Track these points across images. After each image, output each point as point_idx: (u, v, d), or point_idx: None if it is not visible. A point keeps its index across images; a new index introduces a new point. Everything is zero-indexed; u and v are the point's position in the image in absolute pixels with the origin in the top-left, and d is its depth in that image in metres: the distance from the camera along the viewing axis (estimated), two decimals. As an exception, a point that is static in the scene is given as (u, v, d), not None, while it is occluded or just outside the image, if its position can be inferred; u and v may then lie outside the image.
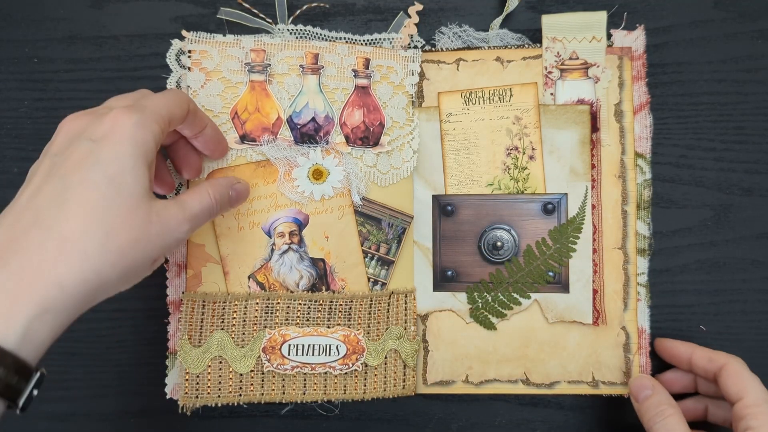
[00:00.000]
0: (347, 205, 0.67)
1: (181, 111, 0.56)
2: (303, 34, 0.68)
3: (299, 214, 0.67)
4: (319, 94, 0.68)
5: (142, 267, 0.51)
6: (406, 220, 0.68)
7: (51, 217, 0.46)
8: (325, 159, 0.67)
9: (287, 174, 0.66)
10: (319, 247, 0.67)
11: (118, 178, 0.48)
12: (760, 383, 0.60)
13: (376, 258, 0.68)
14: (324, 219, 0.67)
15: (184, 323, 0.65)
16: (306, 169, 0.67)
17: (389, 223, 0.68)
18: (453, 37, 0.70)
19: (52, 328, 0.45)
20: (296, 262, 0.67)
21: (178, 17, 0.70)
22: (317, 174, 0.67)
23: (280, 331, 0.65)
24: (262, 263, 0.67)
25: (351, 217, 0.67)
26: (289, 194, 0.66)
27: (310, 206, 0.67)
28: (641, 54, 0.69)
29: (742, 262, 0.70)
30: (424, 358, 0.69)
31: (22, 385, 0.44)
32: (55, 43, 0.70)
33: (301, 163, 0.67)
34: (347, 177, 0.67)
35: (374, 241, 0.67)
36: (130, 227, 0.48)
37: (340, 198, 0.67)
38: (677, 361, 0.67)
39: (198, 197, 0.56)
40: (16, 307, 0.43)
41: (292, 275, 0.67)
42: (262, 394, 0.66)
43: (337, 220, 0.67)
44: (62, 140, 0.51)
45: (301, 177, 0.67)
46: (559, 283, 0.69)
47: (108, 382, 0.70)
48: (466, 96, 0.69)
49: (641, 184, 0.69)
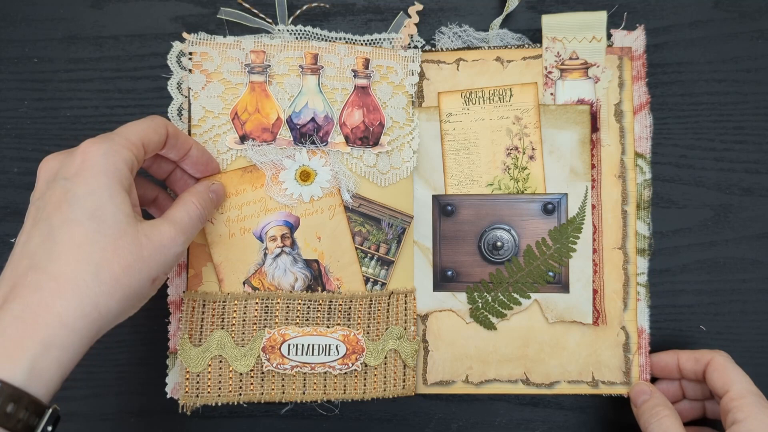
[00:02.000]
0: (337, 204, 0.67)
1: (158, 135, 0.56)
2: (303, 34, 0.68)
3: (289, 216, 0.67)
4: (319, 95, 0.68)
5: (141, 289, 0.51)
6: (405, 220, 0.68)
7: (44, 259, 0.48)
8: (312, 160, 0.67)
9: (274, 177, 0.66)
10: (312, 248, 0.67)
11: (97, 211, 0.49)
12: (744, 375, 0.60)
13: (375, 258, 0.68)
14: (315, 220, 0.67)
15: (184, 322, 0.65)
16: (293, 171, 0.66)
17: (389, 223, 0.68)
18: (453, 37, 0.70)
19: (60, 364, 0.46)
20: (290, 264, 0.67)
21: (178, 17, 0.70)
22: (305, 175, 0.66)
23: (279, 331, 0.66)
24: (255, 268, 0.67)
25: (342, 216, 0.67)
26: (278, 198, 0.66)
27: (300, 208, 0.67)
28: (641, 54, 0.69)
29: (742, 262, 0.70)
30: (424, 358, 0.69)
31: (33, 421, 0.45)
32: (55, 43, 0.70)
33: (288, 165, 0.66)
34: (335, 176, 0.67)
35: (374, 241, 0.67)
36: (119, 255, 0.49)
37: (329, 198, 0.67)
38: (666, 372, 0.67)
39: (184, 208, 0.57)
40: (21, 345, 0.45)
41: (287, 278, 0.67)
42: (262, 394, 0.66)
43: (328, 220, 0.67)
44: (41, 184, 0.52)
45: (289, 179, 0.66)
46: (559, 283, 0.69)
47: (108, 382, 0.70)
48: (466, 96, 0.69)
49: (641, 184, 0.69)
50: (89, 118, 0.70)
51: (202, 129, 0.67)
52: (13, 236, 0.70)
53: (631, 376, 0.69)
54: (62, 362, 0.46)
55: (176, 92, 0.68)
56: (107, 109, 0.70)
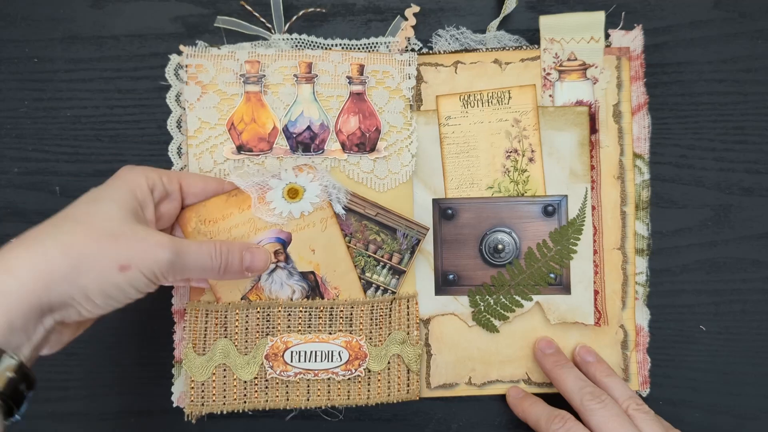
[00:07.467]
0: (329, 216, 0.66)
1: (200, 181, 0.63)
2: (298, 42, 0.68)
3: (281, 233, 0.66)
4: (314, 103, 0.67)
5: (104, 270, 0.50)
6: (421, 232, 0.68)
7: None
8: (299, 177, 0.65)
9: (261, 198, 0.65)
10: (306, 260, 0.67)
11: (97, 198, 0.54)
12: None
13: (387, 267, 0.68)
14: (307, 234, 0.66)
15: (188, 332, 0.66)
16: (280, 190, 0.65)
17: (404, 233, 0.68)
18: (450, 39, 0.69)
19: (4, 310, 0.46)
20: (286, 278, 0.66)
21: (178, 17, 0.70)
22: (293, 193, 0.65)
23: (282, 338, 0.66)
24: (252, 284, 0.66)
25: (335, 227, 0.67)
26: (267, 218, 0.65)
27: (291, 224, 0.66)
28: (639, 54, 0.69)
29: (742, 262, 0.70)
30: (427, 362, 0.70)
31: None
32: (55, 43, 0.70)
33: (274, 185, 0.65)
34: (325, 190, 0.66)
35: (387, 250, 0.67)
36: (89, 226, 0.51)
37: (320, 211, 0.66)
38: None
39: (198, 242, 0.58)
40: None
41: (284, 291, 0.67)
42: (266, 401, 0.66)
43: (321, 232, 0.66)
44: None
45: (277, 198, 0.65)
46: (560, 284, 0.69)
47: (108, 382, 0.70)
48: (465, 99, 0.69)
49: (639, 184, 0.69)
50: (89, 118, 0.70)
51: (198, 140, 0.67)
52: (14, 236, 0.69)
53: (630, 373, 0.69)
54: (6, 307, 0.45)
55: (175, 104, 0.68)
56: (107, 109, 0.70)
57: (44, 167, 0.70)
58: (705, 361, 0.70)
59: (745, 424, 0.70)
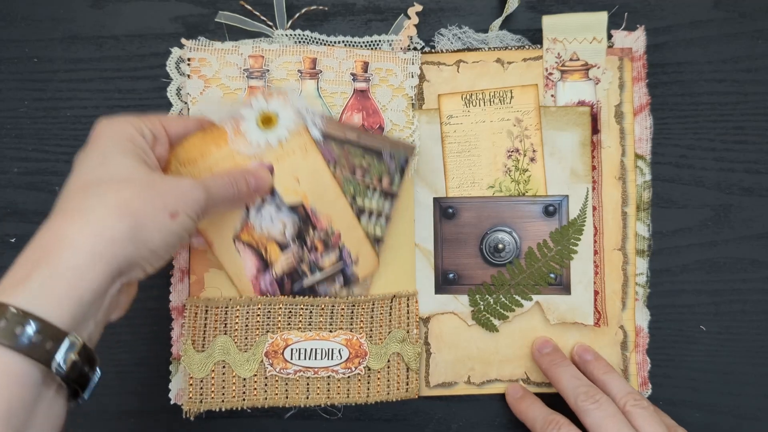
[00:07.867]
0: (308, 141, 0.64)
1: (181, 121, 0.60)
2: (301, 38, 0.68)
3: (262, 166, 0.64)
4: (318, 99, 0.67)
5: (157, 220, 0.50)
6: (408, 149, 0.66)
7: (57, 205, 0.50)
8: (270, 103, 0.63)
9: (236, 132, 0.63)
10: (292, 191, 0.65)
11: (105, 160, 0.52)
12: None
13: (378, 191, 0.66)
14: (289, 163, 0.64)
15: (187, 328, 0.65)
16: (253, 119, 0.63)
17: (390, 153, 0.66)
18: (453, 38, 0.70)
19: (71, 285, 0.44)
20: (275, 212, 0.64)
21: (178, 17, 0.70)
22: (266, 120, 0.63)
23: (282, 336, 0.66)
24: (242, 224, 0.65)
25: (316, 153, 0.64)
26: (245, 150, 0.63)
27: (270, 155, 0.64)
28: (641, 55, 0.69)
29: (742, 262, 0.70)
30: (426, 360, 0.69)
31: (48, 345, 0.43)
32: (55, 43, 0.70)
33: (247, 115, 0.63)
34: (298, 113, 0.64)
35: (375, 173, 0.65)
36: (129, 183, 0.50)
37: (298, 137, 0.64)
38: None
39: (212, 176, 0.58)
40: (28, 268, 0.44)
41: (276, 226, 0.65)
42: (265, 399, 0.66)
43: (302, 160, 0.64)
44: None
45: (251, 129, 0.63)
46: (560, 284, 0.69)
47: (108, 382, 0.70)
48: (467, 98, 0.69)
49: (641, 185, 0.69)
50: (89, 118, 0.69)
51: (201, 134, 0.66)
52: (13, 236, 0.69)
53: (629, 374, 0.69)
54: (74, 284, 0.44)
55: (176, 98, 0.68)
56: (107, 109, 0.70)
57: (44, 167, 0.70)
58: (705, 361, 0.70)
59: (745, 424, 0.70)
